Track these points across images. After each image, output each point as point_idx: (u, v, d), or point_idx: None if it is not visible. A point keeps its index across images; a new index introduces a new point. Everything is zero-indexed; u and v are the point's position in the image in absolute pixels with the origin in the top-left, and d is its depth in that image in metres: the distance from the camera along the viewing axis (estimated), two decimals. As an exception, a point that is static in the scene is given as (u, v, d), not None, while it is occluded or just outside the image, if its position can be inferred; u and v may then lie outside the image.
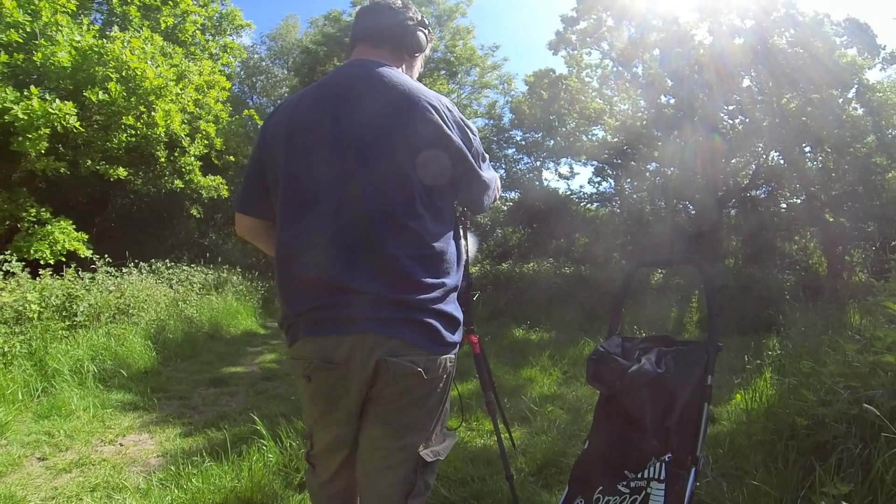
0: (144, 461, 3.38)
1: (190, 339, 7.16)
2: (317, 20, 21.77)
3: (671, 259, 7.23)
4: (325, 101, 1.46)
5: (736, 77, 12.94)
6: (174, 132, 9.60)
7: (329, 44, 17.66)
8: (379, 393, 1.41)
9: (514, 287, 11.23)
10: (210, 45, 12.92)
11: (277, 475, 2.91)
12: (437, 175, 1.42)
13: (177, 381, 5.51)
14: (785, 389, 3.22)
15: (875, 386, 2.31)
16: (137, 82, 8.42)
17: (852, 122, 12.22)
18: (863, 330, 3.37)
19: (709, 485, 2.65)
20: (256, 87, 23.63)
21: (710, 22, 13.21)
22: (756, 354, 4.95)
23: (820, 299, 8.67)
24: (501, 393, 4.16)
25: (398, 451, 1.44)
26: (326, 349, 1.39)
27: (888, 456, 1.97)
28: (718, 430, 3.58)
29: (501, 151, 19.45)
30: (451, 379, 1.52)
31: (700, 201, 14.12)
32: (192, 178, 10.98)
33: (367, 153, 1.38)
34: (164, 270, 8.92)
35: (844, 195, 12.64)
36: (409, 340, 1.37)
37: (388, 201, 1.38)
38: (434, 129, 1.40)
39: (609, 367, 2.22)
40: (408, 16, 1.60)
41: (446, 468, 3.10)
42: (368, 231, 1.37)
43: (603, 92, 16.25)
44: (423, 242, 1.40)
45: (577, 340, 7.27)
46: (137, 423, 4.13)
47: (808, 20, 12.68)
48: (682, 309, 10.21)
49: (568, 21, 15.01)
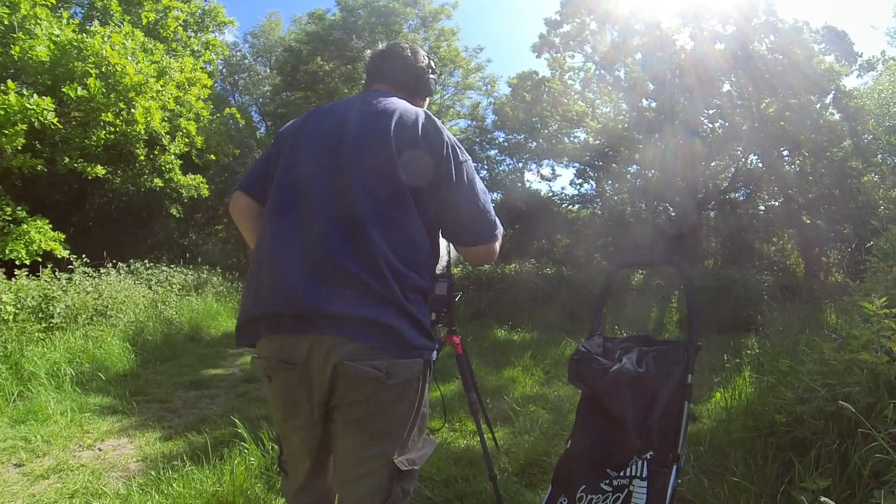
0: (124, 466, 3.32)
1: (169, 341, 7.05)
2: (300, 18, 21.67)
3: (651, 260, 7.33)
4: (329, 116, 1.58)
5: (716, 82, 13.18)
6: (154, 130, 9.41)
7: (313, 42, 17.51)
8: (342, 399, 1.38)
9: (495, 288, 11.27)
10: (192, 41, 12.72)
11: (259, 478, 2.89)
12: (421, 176, 1.44)
13: (156, 384, 5.42)
14: (764, 387, 3.28)
15: (851, 383, 2.36)
16: (117, 78, 8.25)
17: (829, 127, 12.52)
18: (839, 329, 3.44)
19: (690, 482, 2.68)
20: (238, 85, 23.35)
21: (691, 27, 13.45)
22: (735, 353, 5.06)
23: (797, 299, 8.87)
24: (484, 393, 4.18)
25: (371, 459, 1.41)
26: (285, 349, 1.38)
27: (865, 451, 2.01)
28: (699, 428, 3.63)
29: (484, 153, 19.49)
30: (425, 384, 1.48)
31: (680, 203, 14.33)
32: (172, 176, 10.81)
33: (358, 155, 1.45)
34: (143, 271, 8.79)
35: (821, 198, 12.94)
36: (370, 344, 1.33)
37: (374, 200, 1.41)
38: (429, 136, 1.47)
39: (591, 366, 2.24)
40: (419, 64, 1.73)
41: (429, 469, 3.10)
42: (352, 226, 1.39)
43: (585, 95, 16.42)
44: (396, 244, 1.40)
45: (559, 341, 7.32)
46: (116, 428, 4.05)
47: (788, 27, 12.99)
48: (662, 309, 10.34)
49: (551, 24, 15.14)
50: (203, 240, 15.72)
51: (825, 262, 13.95)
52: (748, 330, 7.33)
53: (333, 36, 17.03)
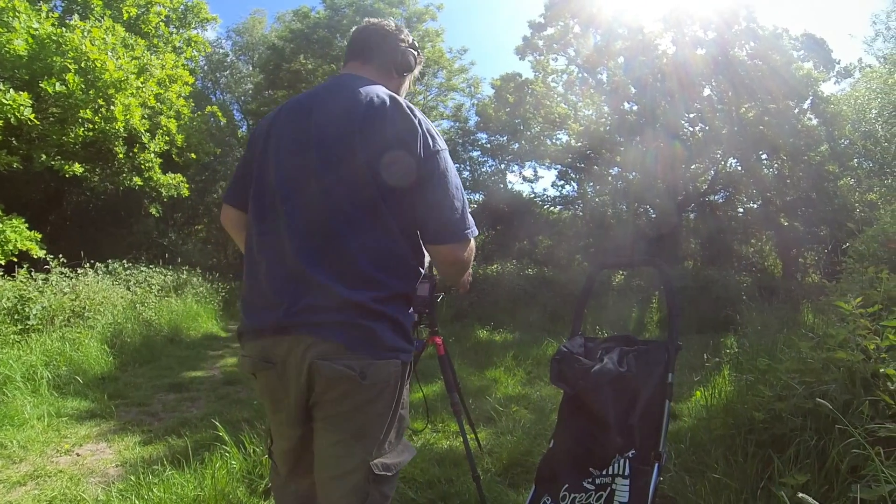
0: (103, 471, 3.26)
1: (148, 343, 6.93)
2: (284, 16, 21.45)
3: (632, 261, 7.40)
4: (298, 111, 1.52)
5: (697, 86, 13.39)
6: (133, 127, 9.23)
7: (296, 40, 17.39)
8: (320, 398, 1.40)
9: (477, 288, 11.29)
10: (174, 37, 12.52)
11: (241, 482, 2.86)
12: (401, 176, 1.39)
13: (135, 387, 5.33)
14: (743, 386, 3.34)
15: (828, 381, 2.41)
16: (97, 74, 8.07)
17: (807, 131, 12.78)
18: (816, 328, 3.53)
19: (672, 479, 2.72)
20: (220, 82, 23.11)
21: (674, 32, 13.64)
22: (714, 352, 5.13)
23: (775, 299, 9.05)
24: (466, 394, 4.19)
25: (347, 460, 1.42)
26: (266, 348, 1.42)
27: (842, 446, 2.06)
28: (680, 426, 3.68)
29: (466, 154, 19.53)
30: (403, 387, 1.47)
31: (660, 205, 14.51)
32: (151, 175, 10.61)
33: (328, 156, 1.41)
34: (122, 271, 8.65)
35: (798, 201, 13.20)
36: (344, 344, 1.34)
37: (347, 203, 1.38)
38: (397, 129, 1.40)
39: (572, 366, 2.26)
40: (399, 37, 1.66)
41: (413, 470, 3.10)
42: (326, 232, 1.38)
43: (568, 97, 16.56)
44: (375, 244, 1.39)
45: (541, 341, 7.37)
46: (95, 432, 3.98)
47: (768, 34, 13.26)
48: (642, 309, 10.47)
49: (535, 27, 15.25)
50: (183, 240, 15.54)
51: (802, 263, 14.24)
52: (727, 329, 7.46)
53: (318, 34, 16.93)
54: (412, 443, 3.66)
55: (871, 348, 2.29)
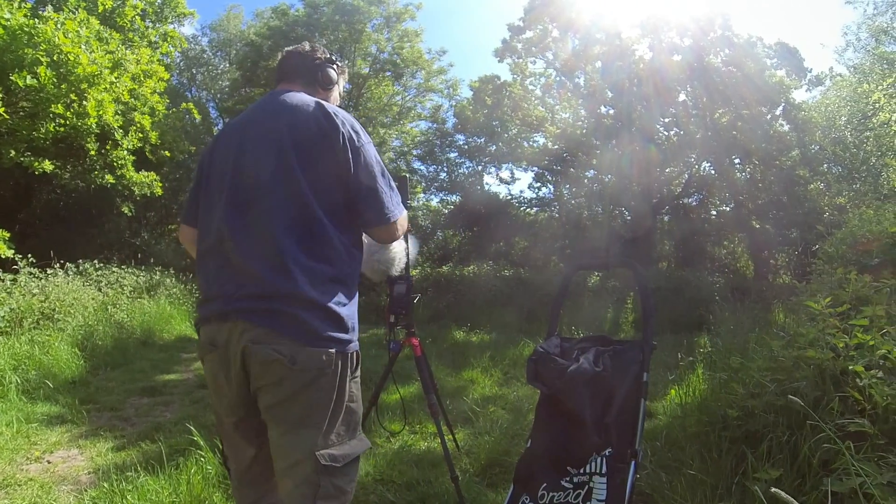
0: (75, 479, 3.17)
1: (121, 346, 6.79)
2: (262, 12, 21.16)
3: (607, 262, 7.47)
4: (235, 126, 1.70)
5: (673, 91, 13.64)
6: (106, 123, 8.99)
7: (274, 38, 17.16)
8: (258, 383, 1.48)
9: (454, 289, 11.34)
10: (150, 32, 12.22)
11: (217, 488, 2.80)
12: (327, 170, 1.52)
13: (107, 392, 5.21)
14: (716, 384, 3.39)
15: (799, 378, 2.48)
16: (69, 68, 7.82)
17: (779, 137, 13.13)
18: (787, 327, 3.60)
19: (648, 476, 2.76)
20: (196, 79, 22.67)
21: (651, 38, 13.88)
22: (688, 352, 5.22)
23: (747, 300, 9.22)
24: (443, 395, 4.18)
25: (293, 450, 1.47)
26: (210, 334, 1.55)
27: (813, 442, 2.11)
28: (655, 424, 3.73)
29: (444, 155, 19.55)
30: (346, 377, 1.53)
31: (635, 208, 14.73)
32: (124, 173, 10.33)
33: (261, 155, 1.55)
34: (93, 272, 8.43)
35: (770, 204, 13.53)
36: (272, 328, 1.44)
37: (278, 197, 1.50)
38: (322, 128, 1.54)
39: (549, 366, 2.29)
40: (315, 56, 1.82)
41: (391, 472, 3.10)
42: (259, 226, 1.50)
43: (545, 100, 16.72)
44: (301, 240, 1.48)
45: (517, 341, 7.39)
46: (66, 438, 3.88)
47: (743, 42, 13.57)
48: (617, 310, 10.58)
49: (515, 30, 15.35)
50: (156, 239, 15.21)
51: (773, 264, 14.58)
52: (700, 329, 7.60)
53: (296, 32, 16.77)
54: (390, 444, 3.67)
55: (841, 346, 2.35)
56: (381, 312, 10.17)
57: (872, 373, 2.08)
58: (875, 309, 2.51)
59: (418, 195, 19.76)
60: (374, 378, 4.26)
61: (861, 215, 5.45)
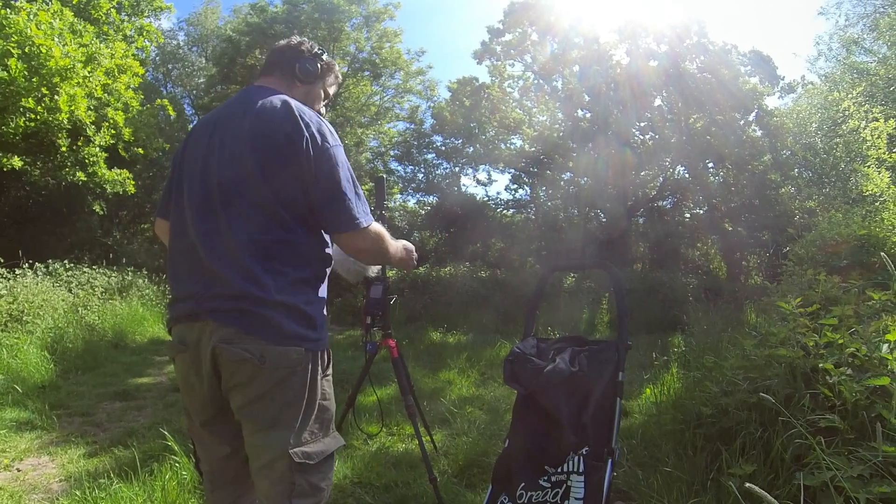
0: (46, 487, 3.08)
1: (92, 349, 6.62)
2: (240, 8, 20.83)
3: (583, 264, 7.56)
4: (205, 124, 1.67)
5: (649, 96, 13.86)
6: (78, 119, 8.72)
7: (253, 34, 16.94)
8: (228, 383, 1.49)
9: (431, 291, 11.32)
10: (125, 25, 11.88)
11: (193, 493, 2.75)
12: (289, 172, 1.49)
13: (78, 396, 5.07)
14: (690, 382, 3.46)
15: (771, 376, 2.53)
16: (41, 61, 7.55)
17: (751, 142, 13.44)
18: (759, 327, 3.66)
19: (625, 474, 2.81)
20: (172, 75, 22.25)
21: (628, 44, 14.09)
22: (663, 351, 5.33)
23: (720, 300, 9.38)
24: (420, 396, 4.18)
25: (266, 449, 1.47)
26: (181, 333, 1.55)
27: (786, 437, 2.17)
28: (631, 423, 3.79)
29: (421, 156, 19.50)
30: (316, 375, 1.53)
31: (611, 210, 14.93)
32: (95, 170, 10.05)
33: (226, 157, 1.53)
34: (63, 272, 8.24)
35: (742, 207, 13.84)
36: (241, 329, 1.44)
37: (243, 200, 1.49)
38: (285, 130, 1.49)
39: (525, 367, 2.30)
40: (299, 49, 1.77)
41: (369, 475, 3.08)
42: (224, 227, 1.49)
43: (523, 103, 16.82)
44: (266, 229, 1.48)
45: (494, 342, 7.43)
46: (36, 445, 3.77)
47: (718, 49, 13.89)
48: (593, 310, 10.67)
49: (494, 32, 15.43)
50: (128, 239, 14.91)
51: (745, 266, 14.90)
52: (675, 329, 7.72)
53: (275, 29, 16.58)
54: (367, 446, 3.66)
55: (811, 345, 2.41)
56: (357, 314, 10.14)
57: (842, 370, 2.14)
58: (844, 309, 2.60)
59: (395, 196, 19.70)
60: (350, 380, 4.24)
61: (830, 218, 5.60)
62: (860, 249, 4.12)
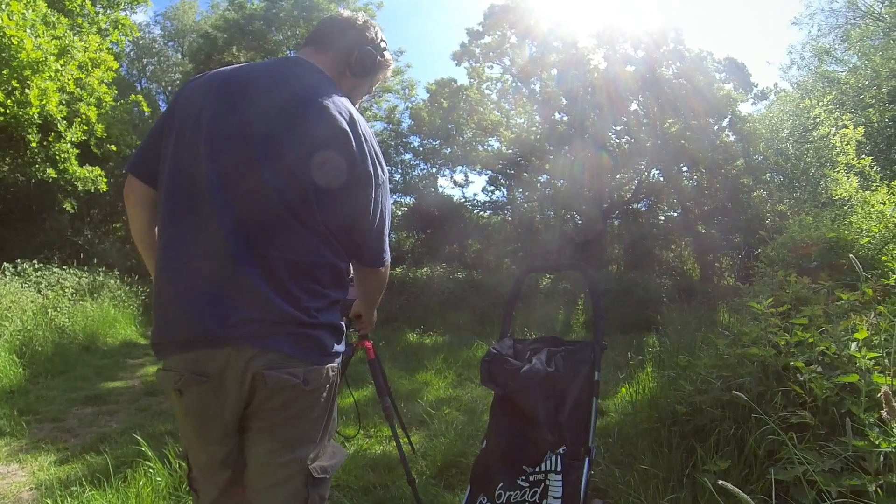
0: (16, 496, 3.00)
1: (62, 352, 6.47)
2: (218, 4, 20.57)
3: (559, 265, 7.62)
4: (228, 92, 1.38)
5: (625, 100, 14.06)
6: (49, 114, 8.49)
7: (230, 31, 16.72)
8: (259, 407, 1.35)
9: (407, 292, 11.31)
10: (100, 18, 11.54)
11: (168, 499, 2.71)
12: (332, 176, 1.33)
13: (48, 401, 4.95)
14: (665, 381, 3.53)
15: (743, 374, 2.61)
16: (12, 53, 7.33)
17: (725, 147, 13.72)
18: (731, 327, 3.74)
19: (602, 472, 2.84)
20: (147, 70, 21.87)
21: (606, 49, 14.26)
22: (638, 351, 5.41)
23: (693, 301, 9.58)
24: (397, 398, 4.18)
25: (287, 466, 1.38)
26: (199, 361, 1.31)
27: (759, 434, 2.24)
28: (607, 422, 3.83)
29: (398, 156, 19.42)
30: (335, 387, 1.47)
31: (587, 212, 15.06)
32: (66, 167, 9.80)
33: (267, 150, 1.31)
34: (32, 272, 8.05)
35: (715, 210, 14.09)
36: (288, 352, 1.31)
37: (279, 205, 1.29)
38: (328, 128, 1.32)
39: (502, 367, 2.33)
40: (364, 34, 1.54)
41: (347, 477, 3.07)
42: (253, 237, 1.30)
43: (501, 105, 16.90)
44: (310, 250, 1.34)
45: (470, 343, 7.47)
46: (5, 452, 3.67)
47: (693, 56, 14.16)
48: (569, 311, 10.76)
49: (473, 34, 15.47)
50: (100, 238, 14.49)
51: (718, 267, 15.15)
52: (649, 329, 7.84)
53: (253, 26, 16.40)
54: (345, 449, 3.64)
55: (782, 344, 2.49)
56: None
57: (812, 368, 2.21)
58: (814, 309, 2.67)
59: (372, 197, 19.56)
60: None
61: (800, 221, 5.74)
62: (829, 251, 4.23)
